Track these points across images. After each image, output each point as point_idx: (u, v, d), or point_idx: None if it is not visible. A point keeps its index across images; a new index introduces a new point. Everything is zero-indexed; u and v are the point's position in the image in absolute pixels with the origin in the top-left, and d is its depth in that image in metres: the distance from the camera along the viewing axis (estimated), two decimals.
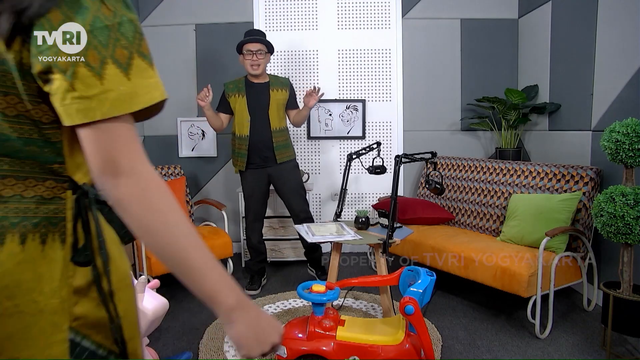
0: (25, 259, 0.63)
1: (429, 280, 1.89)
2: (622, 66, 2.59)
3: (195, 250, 0.66)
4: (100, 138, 0.61)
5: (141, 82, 0.63)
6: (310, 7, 3.94)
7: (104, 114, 0.60)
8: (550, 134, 3.40)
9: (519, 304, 2.71)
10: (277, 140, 3.06)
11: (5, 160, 0.63)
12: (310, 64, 3.99)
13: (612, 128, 2.07)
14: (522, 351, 2.27)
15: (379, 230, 2.55)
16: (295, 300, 2.94)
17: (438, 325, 2.55)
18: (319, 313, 1.95)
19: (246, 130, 3.02)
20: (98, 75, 0.60)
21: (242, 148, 3.05)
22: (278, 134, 3.07)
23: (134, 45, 0.63)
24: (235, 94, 3.05)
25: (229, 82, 3.12)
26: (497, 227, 3.10)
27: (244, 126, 3.02)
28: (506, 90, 3.47)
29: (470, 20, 3.91)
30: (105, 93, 0.60)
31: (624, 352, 2.23)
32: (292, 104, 3.17)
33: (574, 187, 2.73)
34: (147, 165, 0.64)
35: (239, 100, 3.03)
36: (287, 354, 1.89)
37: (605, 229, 2.09)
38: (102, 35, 0.61)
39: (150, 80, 0.64)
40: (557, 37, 3.30)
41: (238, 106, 3.04)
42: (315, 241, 2.34)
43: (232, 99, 3.06)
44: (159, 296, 1.80)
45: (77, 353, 0.65)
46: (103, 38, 0.61)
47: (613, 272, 2.52)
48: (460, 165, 3.53)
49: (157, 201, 0.64)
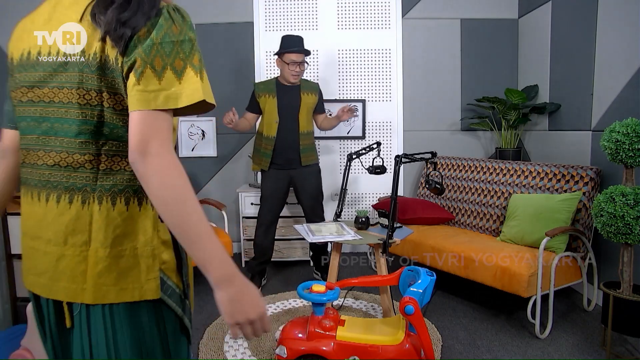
0: (129, 216, 0.86)
1: (429, 280, 1.89)
2: (622, 66, 2.59)
3: (197, 225, 0.79)
4: (145, 122, 0.78)
5: (188, 87, 0.81)
6: (310, 7, 3.94)
7: (156, 106, 0.79)
8: (550, 134, 3.40)
9: (519, 304, 2.71)
10: (304, 143, 3.07)
11: (114, 143, 0.85)
12: (310, 63, 3.99)
13: (612, 128, 2.07)
14: (522, 351, 2.27)
15: (379, 230, 2.55)
16: (296, 300, 2.94)
17: (438, 325, 2.55)
18: (319, 313, 1.95)
19: (274, 131, 3.02)
20: (158, 77, 0.79)
21: (267, 148, 3.05)
22: (305, 137, 3.08)
23: (189, 58, 0.82)
24: (265, 94, 3.04)
25: (259, 83, 3.14)
26: (497, 227, 3.10)
27: (272, 127, 3.02)
28: (506, 90, 3.47)
29: (470, 20, 3.91)
30: (161, 91, 0.79)
31: (623, 352, 2.23)
32: (320, 108, 3.19)
33: (574, 187, 2.73)
34: (171, 151, 0.80)
35: (269, 100, 3.03)
36: (287, 354, 1.89)
37: (605, 229, 2.09)
38: (168, 48, 0.80)
39: (195, 85, 0.81)
40: (557, 37, 3.30)
41: (268, 107, 3.04)
42: (315, 241, 2.34)
43: (261, 99, 3.05)
44: None
45: (164, 289, 0.89)
46: (168, 50, 0.80)
47: (613, 272, 2.52)
48: (460, 165, 3.53)
49: (173, 180, 0.78)
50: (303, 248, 3.68)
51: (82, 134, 0.83)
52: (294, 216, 3.65)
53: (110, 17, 0.80)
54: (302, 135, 3.06)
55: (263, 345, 2.34)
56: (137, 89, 0.78)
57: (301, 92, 3.06)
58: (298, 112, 3.04)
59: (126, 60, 0.79)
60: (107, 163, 0.85)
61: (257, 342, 2.36)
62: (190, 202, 0.79)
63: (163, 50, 0.80)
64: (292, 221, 3.58)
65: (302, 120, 3.05)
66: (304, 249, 3.69)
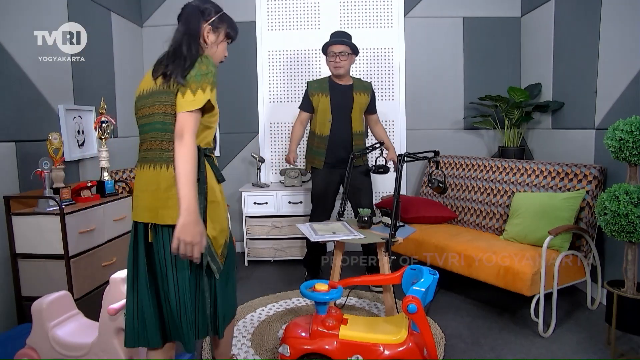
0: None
1: (432, 278, 1.89)
2: (626, 64, 2.58)
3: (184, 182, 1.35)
4: (182, 119, 1.40)
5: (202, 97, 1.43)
6: (312, 6, 3.94)
7: (189, 109, 1.41)
8: (554, 132, 3.39)
9: (522, 302, 2.70)
10: (357, 143, 3.06)
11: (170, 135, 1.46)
12: (312, 63, 3.99)
13: (615, 126, 2.06)
14: (525, 350, 2.27)
15: (381, 229, 2.54)
16: (299, 299, 2.95)
17: (441, 324, 2.55)
18: (322, 312, 1.95)
19: (327, 130, 3.04)
20: (193, 93, 1.42)
21: (320, 147, 3.06)
22: (358, 137, 3.07)
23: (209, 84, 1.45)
24: (318, 93, 3.06)
25: (312, 81, 3.15)
26: (500, 226, 3.09)
27: (326, 126, 3.04)
28: (509, 89, 3.46)
29: (472, 18, 3.90)
30: (192, 101, 1.41)
31: (628, 350, 2.22)
32: (372, 108, 3.17)
33: (578, 186, 2.72)
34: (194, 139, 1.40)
35: (322, 99, 3.04)
36: (290, 353, 1.89)
37: (609, 227, 2.08)
38: (199, 77, 1.44)
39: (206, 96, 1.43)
40: (560, 35, 3.29)
41: (321, 106, 3.05)
42: (318, 240, 2.34)
43: (314, 98, 3.07)
44: None
45: None
46: (199, 79, 1.43)
47: (617, 270, 2.51)
48: (463, 164, 3.53)
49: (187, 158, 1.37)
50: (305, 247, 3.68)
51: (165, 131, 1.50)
52: (295, 215, 3.65)
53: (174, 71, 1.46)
54: (355, 135, 3.06)
55: (266, 344, 2.35)
56: (178, 100, 1.44)
57: (354, 91, 3.05)
58: (351, 111, 3.04)
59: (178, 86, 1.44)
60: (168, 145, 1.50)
61: (260, 342, 2.37)
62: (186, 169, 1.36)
63: (190, 80, 1.43)
64: (295, 220, 3.58)
65: (355, 120, 3.05)
66: None
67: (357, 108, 3.05)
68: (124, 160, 3.58)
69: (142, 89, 1.57)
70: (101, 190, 2.67)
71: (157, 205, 1.48)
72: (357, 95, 3.05)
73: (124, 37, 3.63)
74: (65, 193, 2.39)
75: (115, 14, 3.48)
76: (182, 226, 1.33)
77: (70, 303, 2.02)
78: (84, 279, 2.31)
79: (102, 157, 2.73)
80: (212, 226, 1.52)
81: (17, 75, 2.42)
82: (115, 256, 2.57)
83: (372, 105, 3.15)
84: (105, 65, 3.36)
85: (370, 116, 3.20)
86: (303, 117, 3.16)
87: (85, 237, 2.33)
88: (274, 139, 4.09)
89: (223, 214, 1.59)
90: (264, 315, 2.71)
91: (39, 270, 2.25)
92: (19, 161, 2.39)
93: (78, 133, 2.91)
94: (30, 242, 2.24)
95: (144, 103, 1.54)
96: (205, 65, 1.46)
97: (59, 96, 2.75)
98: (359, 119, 3.08)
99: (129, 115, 3.73)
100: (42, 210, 2.26)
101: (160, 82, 1.48)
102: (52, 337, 1.87)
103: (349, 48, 2.97)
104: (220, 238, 1.56)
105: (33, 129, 2.51)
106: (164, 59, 1.52)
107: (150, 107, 1.51)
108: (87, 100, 3.02)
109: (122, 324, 1.71)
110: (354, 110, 3.04)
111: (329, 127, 3.03)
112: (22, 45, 2.45)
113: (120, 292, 1.73)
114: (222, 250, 1.57)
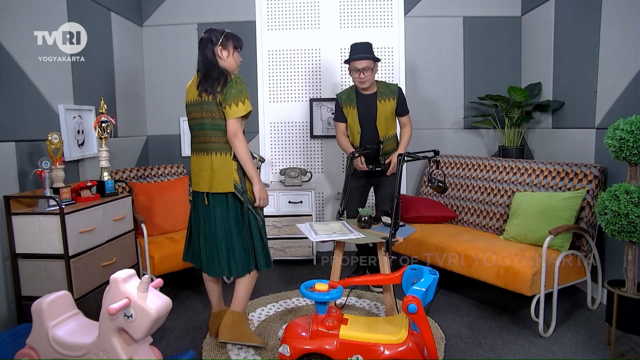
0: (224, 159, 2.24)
1: (432, 278, 1.89)
2: (626, 63, 2.58)
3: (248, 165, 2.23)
4: (232, 124, 2.18)
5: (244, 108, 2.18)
6: (312, 5, 3.94)
7: (234, 116, 2.17)
8: (554, 131, 3.39)
9: (522, 302, 2.70)
10: (386, 149, 3.05)
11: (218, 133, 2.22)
12: (312, 62, 3.99)
13: (616, 126, 2.06)
14: (525, 350, 2.27)
15: (382, 228, 2.54)
16: (299, 299, 2.95)
17: (441, 324, 2.55)
18: (322, 312, 1.95)
19: (357, 141, 3.06)
20: (236, 106, 2.16)
21: None
22: (387, 142, 3.06)
23: (246, 98, 2.20)
24: (347, 105, 3.06)
25: (341, 93, 3.13)
26: (500, 226, 3.09)
27: (356, 138, 3.06)
28: (509, 88, 3.46)
29: (472, 18, 3.90)
30: (237, 111, 2.17)
31: (628, 350, 2.22)
32: (402, 110, 3.09)
33: (578, 185, 2.72)
34: (242, 136, 2.21)
35: (351, 111, 3.05)
36: (291, 353, 1.89)
37: (609, 227, 2.08)
38: (237, 94, 2.16)
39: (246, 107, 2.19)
40: (561, 35, 3.29)
41: (350, 118, 3.06)
42: (318, 240, 2.34)
43: (345, 110, 3.08)
44: (162, 295, 1.80)
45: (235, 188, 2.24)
46: (238, 95, 2.16)
47: (617, 270, 2.51)
48: (463, 164, 3.52)
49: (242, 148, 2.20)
50: (307, 247, 3.68)
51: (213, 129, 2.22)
52: (295, 215, 3.65)
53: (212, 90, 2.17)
54: (383, 142, 3.04)
55: None
56: (226, 111, 2.17)
57: (377, 99, 3.01)
58: (375, 121, 3.02)
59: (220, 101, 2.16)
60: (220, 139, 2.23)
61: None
62: (246, 157, 2.20)
63: (231, 96, 2.14)
64: (296, 220, 3.58)
65: (381, 127, 3.02)
66: (307, 248, 3.69)
67: (381, 117, 3.01)
68: (124, 160, 3.58)
69: (190, 99, 2.29)
70: (101, 190, 2.67)
71: (211, 180, 2.23)
72: (380, 103, 3.00)
73: (124, 37, 3.63)
74: (65, 193, 2.39)
75: (115, 13, 3.48)
76: (258, 190, 2.26)
77: (70, 303, 2.02)
78: (84, 278, 2.31)
79: (102, 157, 2.73)
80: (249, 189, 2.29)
81: (17, 75, 2.42)
82: (115, 256, 2.57)
83: (400, 109, 3.06)
84: (105, 65, 3.36)
85: (399, 118, 3.12)
86: (341, 127, 3.15)
87: (85, 237, 2.33)
88: (274, 138, 4.09)
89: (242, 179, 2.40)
90: (264, 315, 2.71)
91: (39, 270, 2.25)
92: (19, 161, 2.39)
93: (78, 133, 2.91)
94: (30, 242, 2.24)
95: (193, 109, 2.27)
96: (241, 85, 2.19)
97: (59, 96, 2.75)
98: (385, 125, 3.03)
99: (129, 115, 3.73)
100: (42, 210, 2.25)
101: (206, 96, 2.19)
102: (52, 337, 1.87)
103: (371, 61, 2.92)
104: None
105: (33, 129, 2.51)
106: (201, 82, 2.22)
107: (199, 112, 2.23)
108: (87, 100, 3.02)
109: (122, 323, 1.71)
110: (378, 119, 3.01)
111: (358, 138, 3.05)
112: (22, 45, 2.45)
113: (120, 292, 1.73)
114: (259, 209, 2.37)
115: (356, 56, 2.91)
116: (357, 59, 2.90)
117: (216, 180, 2.21)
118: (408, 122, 3.13)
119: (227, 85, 2.14)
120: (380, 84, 3.04)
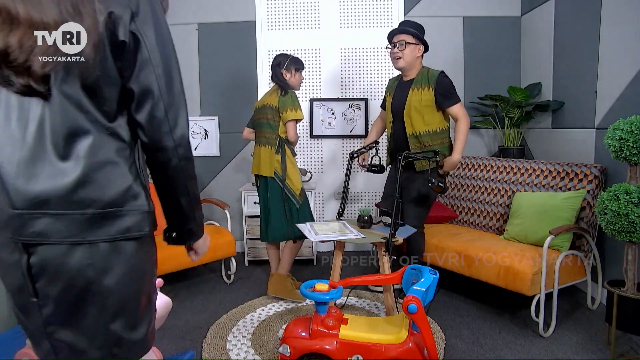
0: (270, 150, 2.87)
1: (432, 278, 1.89)
2: (626, 63, 2.58)
3: None
4: (289, 125, 2.80)
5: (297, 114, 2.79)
6: (312, 5, 3.94)
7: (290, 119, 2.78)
8: (554, 131, 3.39)
9: (522, 302, 2.70)
10: (414, 147, 2.69)
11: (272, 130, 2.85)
12: (312, 62, 3.99)
13: (616, 126, 2.06)
14: (525, 350, 2.27)
15: (382, 228, 2.54)
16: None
17: (441, 324, 2.55)
18: (322, 312, 1.95)
19: (389, 132, 2.85)
20: (292, 112, 2.77)
21: (390, 147, 2.91)
22: (414, 139, 2.69)
23: (298, 107, 2.80)
24: (389, 92, 2.86)
25: (392, 78, 2.93)
26: (500, 226, 3.09)
27: (388, 128, 2.86)
28: (509, 88, 3.46)
29: (472, 18, 3.90)
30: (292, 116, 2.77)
31: (628, 350, 2.22)
32: (442, 102, 2.62)
33: (578, 185, 2.72)
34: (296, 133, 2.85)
35: (388, 99, 2.84)
36: (291, 353, 1.89)
37: (609, 227, 2.08)
38: (293, 103, 2.78)
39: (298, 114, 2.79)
40: (561, 35, 3.29)
41: (387, 105, 2.86)
42: (318, 240, 2.34)
43: (386, 96, 2.91)
44: (162, 295, 1.80)
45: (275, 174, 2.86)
46: (294, 104, 2.78)
47: (617, 270, 2.51)
48: (463, 164, 3.52)
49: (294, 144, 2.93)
50: (307, 247, 3.68)
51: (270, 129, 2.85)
52: None
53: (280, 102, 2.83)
54: (410, 138, 2.69)
55: (266, 344, 2.35)
56: (283, 115, 2.78)
57: (411, 87, 2.68)
58: (402, 111, 2.70)
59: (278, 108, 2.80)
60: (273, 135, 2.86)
61: (260, 342, 2.37)
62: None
63: (286, 106, 2.76)
64: None
65: (408, 121, 2.67)
66: (307, 248, 3.69)
67: (409, 107, 2.65)
68: None
69: (258, 105, 2.97)
70: None
71: (261, 165, 2.87)
72: (412, 91, 2.65)
73: None
74: None
75: None
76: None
77: None
78: None
79: None
80: (290, 179, 2.83)
81: None
82: None
83: (440, 100, 2.62)
84: None
85: (447, 110, 2.66)
86: (381, 114, 3.04)
87: None
88: None
89: (297, 172, 2.89)
90: (264, 315, 2.71)
91: None
92: None
93: None
94: None
95: (259, 111, 2.93)
96: (294, 98, 2.78)
97: None
98: (415, 120, 2.65)
99: None
100: None
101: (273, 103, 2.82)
102: None
103: (410, 36, 2.59)
104: (297, 184, 2.86)
105: None
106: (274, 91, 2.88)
107: (263, 114, 2.87)
108: None
109: None
110: (406, 110, 2.67)
111: (390, 128, 2.83)
112: None
113: None
114: (300, 192, 2.87)
115: (394, 29, 2.71)
116: (393, 31, 2.69)
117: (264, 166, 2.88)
118: (460, 114, 2.63)
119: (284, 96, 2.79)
120: (422, 71, 2.69)
